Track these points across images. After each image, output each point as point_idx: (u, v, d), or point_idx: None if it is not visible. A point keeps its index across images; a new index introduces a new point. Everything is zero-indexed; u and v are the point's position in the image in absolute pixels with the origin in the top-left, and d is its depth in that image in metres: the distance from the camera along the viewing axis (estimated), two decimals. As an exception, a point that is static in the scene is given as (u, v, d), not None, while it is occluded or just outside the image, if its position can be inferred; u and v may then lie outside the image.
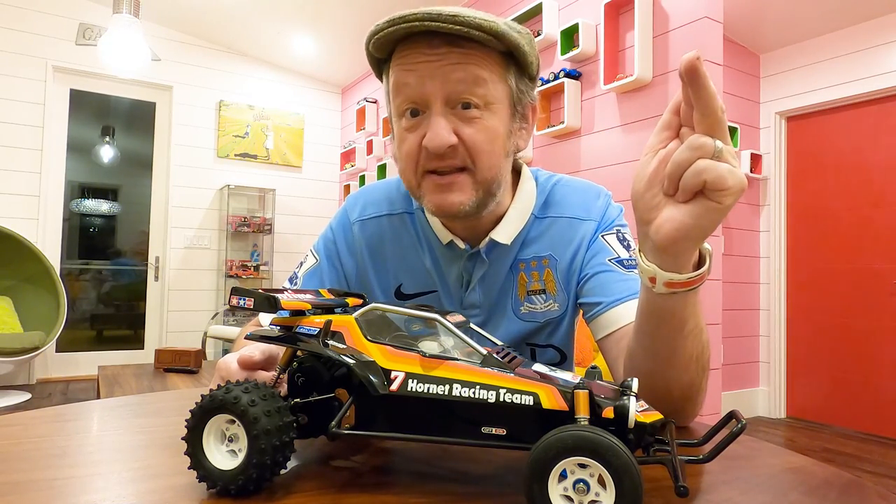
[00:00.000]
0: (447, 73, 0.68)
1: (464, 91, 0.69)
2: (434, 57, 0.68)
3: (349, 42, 4.97)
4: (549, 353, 0.86)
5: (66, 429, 0.66)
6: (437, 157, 0.70)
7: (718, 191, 0.47)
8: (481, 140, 0.71)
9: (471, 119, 0.70)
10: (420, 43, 0.69)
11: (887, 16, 3.52)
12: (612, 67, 3.02)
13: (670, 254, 0.52)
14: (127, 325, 5.19)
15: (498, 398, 0.42)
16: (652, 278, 0.54)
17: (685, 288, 0.54)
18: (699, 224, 0.49)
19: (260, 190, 5.47)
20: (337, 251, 0.90)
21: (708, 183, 0.47)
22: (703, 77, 0.47)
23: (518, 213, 0.82)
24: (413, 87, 0.70)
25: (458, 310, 0.84)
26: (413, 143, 0.72)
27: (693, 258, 0.54)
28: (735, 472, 0.52)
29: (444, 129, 0.69)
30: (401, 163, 0.76)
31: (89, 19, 4.77)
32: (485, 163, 0.72)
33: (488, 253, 0.81)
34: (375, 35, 0.69)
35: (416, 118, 0.72)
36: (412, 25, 0.66)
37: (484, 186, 0.73)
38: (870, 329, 3.67)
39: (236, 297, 0.48)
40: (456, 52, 0.68)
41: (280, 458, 0.43)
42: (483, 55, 0.69)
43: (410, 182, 0.76)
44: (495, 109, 0.72)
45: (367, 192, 0.92)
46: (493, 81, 0.71)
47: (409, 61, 0.70)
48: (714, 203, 0.48)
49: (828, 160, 3.91)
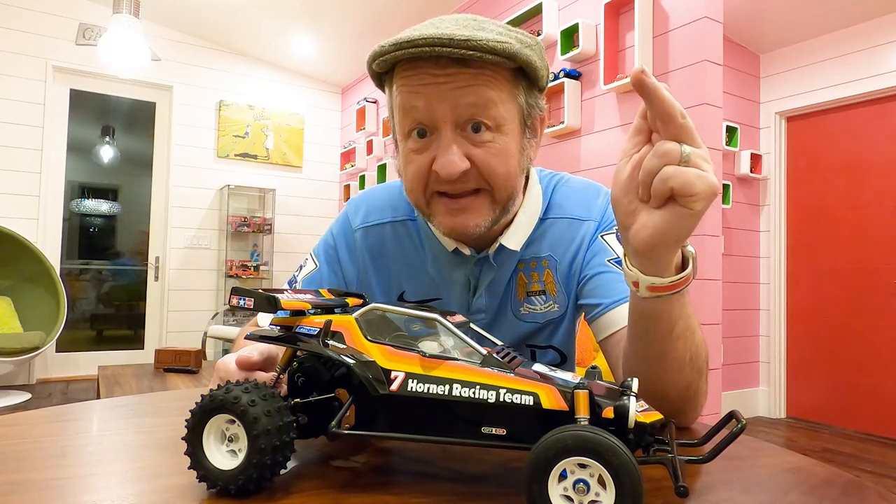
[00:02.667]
0: (457, 96, 0.65)
1: (475, 114, 0.66)
2: (443, 78, 0.65)
3: (349, 42, 4.97)
4: (550, 355, 0.85)
5: (66, 429, 0.66)
6: (448, 183, 0.69)
7: (687, 196, 0.47)
8: (495, 163, 0.69)
9: (482, 142, 0.68)
10: (427, 62, 0.66)
11: (887, 16, 3.52)
12: (612, 67, 3.02)
13: (649, 258, 0.52)
14: (127, 325, 5.19)
15: (498, 398, 0.42)
16: (636, 283, 0.54)
17: (668, 292, 0.54)
18: (673, 229, 0.49)
19: (260, 190, 5.47)
20: (338, 257, 0.89)
21: (675, 189, 0.47)
22: (652, 88, 0.47)
23: (527, 218, 0.81)
24: (421, 110, 0.67)
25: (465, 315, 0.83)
26: (422, 165, 0.70)
27: (675, 261, 0.54)
28: (735, 472, 0.52)
29: (457, 155, 0.67)
30: (407, 182, 0.73)
31: (89, 19, 4.77)
32: (501, 184, 0.70)
33: (496, 258, 0.80)
34: (379, 57, 0.66)
35: (423, 139, 0.69)
36: (420, 51, 0.63)
37: (501, 205, 0.72)
38: (870, 329, 3.67)
39: (236, 297, 0.48)
40: (465, 72, 0.65)
41: (280, 458, 0.43)
42: (493, 74, 0.66)
43: (419, 202, 0.74)
44: (506, 130, 0.69)
45: (370, 198, 0.91)
46: (503, 102, 0.68)
47: (416, 83, 0.67)
48: (685, 209, 0.48)
49: (828, 160, 3.91)
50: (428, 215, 0.75)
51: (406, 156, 0.72)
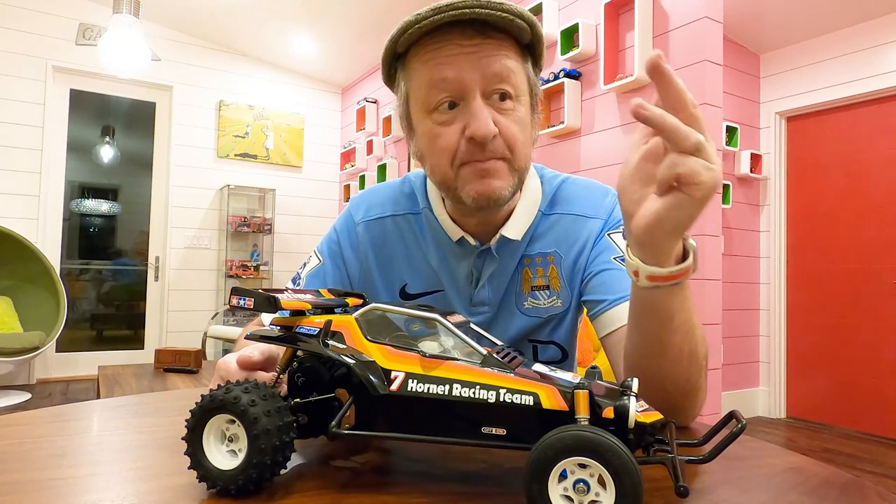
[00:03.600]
0: (484, 65, 0.69)
1: (500, 82, 0.70)
2: (471, 48, 0.69)
3: (349, 42, 4.97)
4: (551, 350, 0.86)
5: (66, 429, 0.66)
6: (479, 148, 0.70)
7: (691, 184, 0.48)
8: (517, 131, 0.72)
9: (506, 110, 0.71)
10: (452, 34, 0.69)
11: (887, 16, 3.52)
12: (612, 67, 3.02)
13: (649, 246, 0.53)
14: (127, 325, 5.19)
15: (498, 398, 0.42)
16: (636, 272, 0.55)
17: (668, 282, 0.55)
18: (673, 216, 0.50)
19: (260, 190, 5.47)
20: (341, 252, 0.90)
21: (681, 176, 0.48)
22: (668, 73, 0.48)
23: (526, 209, 0.83)
24: (451, 80, 0.69)
25: (468, 307, 0.84)
26: (451, 135, 0.71)
27: (675, 253, 0.55)
28: (735, 472, 0.52)
29: (489, 118, 0.69)
30: (433, 157, 0.74)
31: (89, 19, 4.77)
32: (520, 152, 0.73)
33: (498, 249, 0.82)
34: (417, 24, 0.68)
35: (452, 111, 0.72)
36: (461, 13, 0.66)
37: (519, 175, 0.75)
38: (870, 329, 3.67)
39: (236, 297, 0.48)
40: (490, 42, 0.69)
41: (280, 458, 0.43)
42: (511, 45, 0.71)
43: (446, 175, 0.74)
44: (523, 101, 0.73)
45: (371, 194, 0.93)
46: (519, 72, 0.72)
47: (445, 54, 0.69)
48: (686, 196, 0.48)
49: (828, 160, 3.91)
50: (455, 188, 0.75)
51: (432, 130, 0.73)
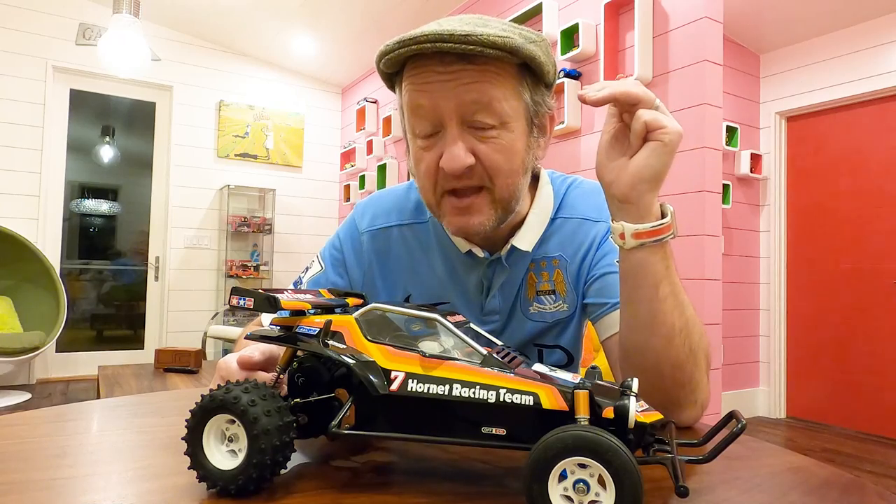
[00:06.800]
0: (461, 93, 0.66)
1: (478, 111, 0.67)
2: (446, 76, 0.66)
3: (349, 42, 4.97)
4: (557, 355, 0.85)
5: (66, 429, 0.66)
6: (454, 178, 0.70)
7: (657, 129, 0.58)
8: (499, 159, 0.69)
9: (488, 138, 0.69)
10: (432, 60, 0.67)
11: (887, 16, 3.52)
12: (612, 67, 3.02)
13: (631, 201, 0.60)
14: (127, 325, 5.18)
15: (498, 398, 0.42)
16: (621, 234, 0.61)
17: (651, 238, 0.60)
18: (651, 164, 0.59)
19: (260, 190, 5.46)
20: (344, 260, 0.89)
21: (648, 122, 0.58)
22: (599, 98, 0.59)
23: (538, 219, 0.82)
24: (427, 108, 0.68)
25: (479, 317, 0.84)
26: (430, 162, 0.71)
27: (654, 210, 0.61)
28: (735, 472, 0.52)
29: (461, 150, 0.68)
30: (419, 180, 0.75)
31: (89, 19, 4.76)
32: (502, 182, 0.71)
33: (508, 259, 0.81)
34: (385, 56, 0.67)
35: (431, 137, 0.71)
36: (422, 47, 0.64)
37: (502, 205, 0.73)
38: (870, 329, 3.67)
39: (236, 297, 0.48)
40: (469, 69, 0.66)
41: (280, 458, 0.43)
42: (497, 70, 0.67)
43: (430, 201, 0.75)
44: (511, 127, 0.70)
45: (377, 202, 0.91)
46: (508, 98, 0.68)
47: (421, 80, 0.68)
48: (657, 142, 0.58)
49: (828, 160, 3.91)
50: (439, 216, 0.76)
51: (416, 154, 0.73)
